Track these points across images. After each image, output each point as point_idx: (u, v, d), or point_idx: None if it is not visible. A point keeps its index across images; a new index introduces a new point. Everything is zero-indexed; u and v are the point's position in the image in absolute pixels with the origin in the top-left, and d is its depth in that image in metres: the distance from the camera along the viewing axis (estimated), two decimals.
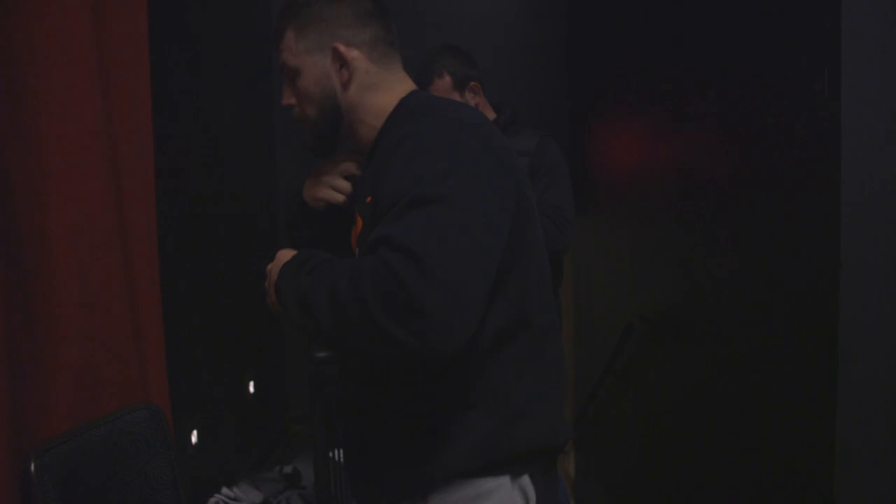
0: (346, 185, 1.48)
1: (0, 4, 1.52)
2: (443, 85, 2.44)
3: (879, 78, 1.66)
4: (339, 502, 2.40)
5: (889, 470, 1.62)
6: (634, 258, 2.91)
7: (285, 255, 1.30)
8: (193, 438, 2.45)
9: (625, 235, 2.95)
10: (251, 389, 3.13)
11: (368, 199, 1.26)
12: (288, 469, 2.90)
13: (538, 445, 1.27)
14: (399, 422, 1.26)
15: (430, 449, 1.22)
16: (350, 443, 1.41)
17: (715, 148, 2.34)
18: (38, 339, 1.65)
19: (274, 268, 1.30)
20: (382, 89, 1.35)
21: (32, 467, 1.53)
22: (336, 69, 1.34)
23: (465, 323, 1.03)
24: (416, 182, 1.08)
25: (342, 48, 1.33)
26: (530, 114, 3.51)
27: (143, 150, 1.99)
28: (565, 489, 3.14)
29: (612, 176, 3.11)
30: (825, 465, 1.66)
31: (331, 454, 2.38)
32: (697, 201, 2.48)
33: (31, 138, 1.64)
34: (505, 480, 1.25)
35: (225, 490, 2.63)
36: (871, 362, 1.69)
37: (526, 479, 1.27)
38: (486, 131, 1.22)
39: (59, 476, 1.57)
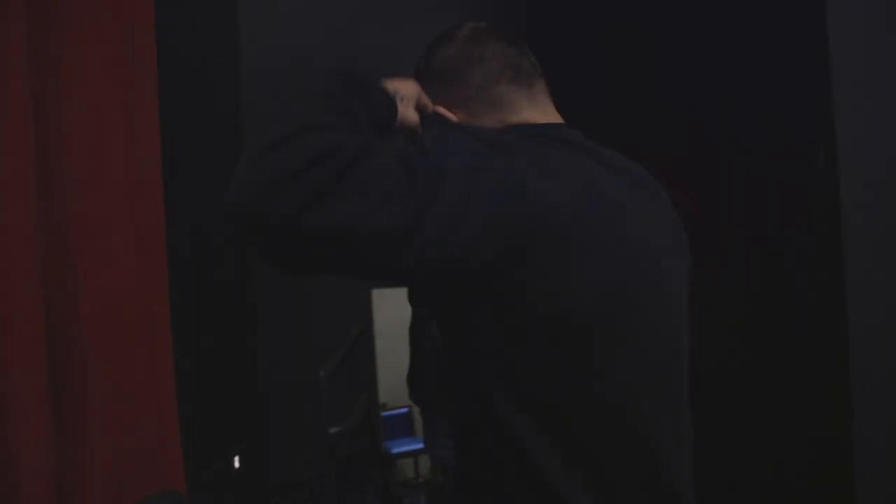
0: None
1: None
2: None
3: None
4: None
5: None
6: None
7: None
8: None
9: None
10: (236, 464, 3.06)
11: None
12: None
13: None
14: None
15: None
16: None
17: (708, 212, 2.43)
18: (72, 431, 1.64)
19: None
20: None
21: None
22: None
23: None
24: None
25: (443, 110, 1.17)
26: None
27: (158, 237, 1.99)
28: None
29: None
30: None
31: None
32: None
33: (64, 228, 1.63)
34: None
35: None
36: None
37: None
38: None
39: None
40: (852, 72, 1.84)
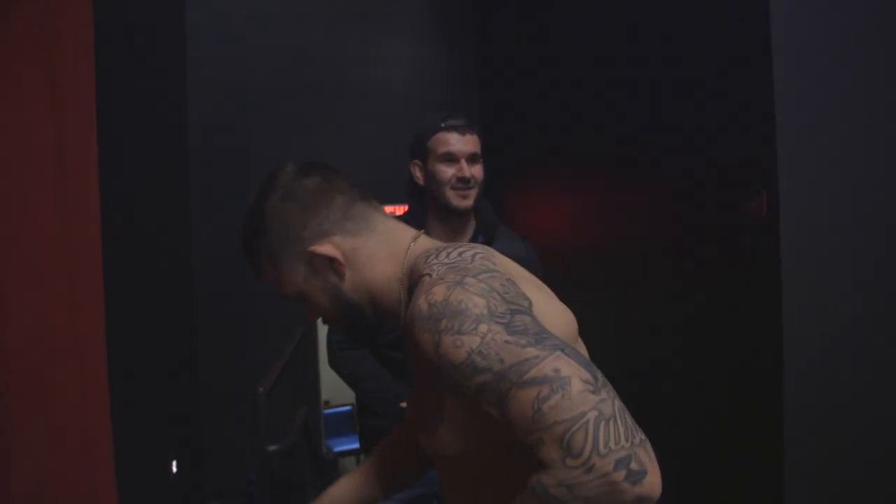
0: None
1: None
2: None
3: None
4: None
5: None
6: None
7: None
8: None
9: None
10: (174, 469, 3.01)
11: None
12: None
13: None
14: None
15: None
16: None
17: (647, 233, 2.47)
18: None
19: None
20: (379, 257, 1.21)
21: None
22: (326, 271, 1.21)
23: None
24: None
25: (317, 250, 1.19)
26: None
27: (93, 256, 1.93)
28: None
29: (539, 246, 3.22)
30: None
31: None
32: (633, 274, 2.61)
33: None
34: None
35: None
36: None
37: None
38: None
39: None
40: (796, 118, 1.93)
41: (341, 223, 1.20)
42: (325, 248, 1.19)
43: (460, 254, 1.11)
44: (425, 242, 1.22)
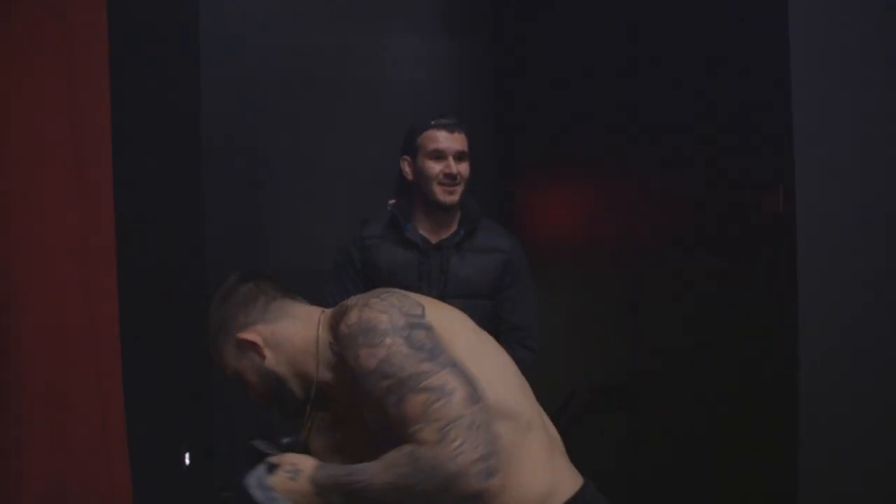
0: None
1: None
2: None
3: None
4: None
5: None
6: (576, 325, 3.02)
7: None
8: None
9: (566, 303, 3.05)
10: (187, 461, 3.03)
11: None
12: None
13: None
14: None
15: None
16: None
17: (664, 223, 2.46)
18: (6, 450, 1.61)
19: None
20: (294, 333, 1.48)
21: None
22: (251, 353, 1.49)
23: None
24: None
25: (241, 336, 1.49)
26: None
27: (108, 249, 1.94)
28: None
29: (548, 244, 3.22)
30: None
31: None
32: (646, 271, 2.60)
33: (4, 225, 1.59)
34: None
35: None
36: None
37: None
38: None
39: None
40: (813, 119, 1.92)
41: (263, 315, 1.50)
42: (247, 335, 1.49)
43: (362, 296, 1.42)
44: (337, 307, 1.48)
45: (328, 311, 1.49)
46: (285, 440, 2.18)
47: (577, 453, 1.64)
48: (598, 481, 1.49)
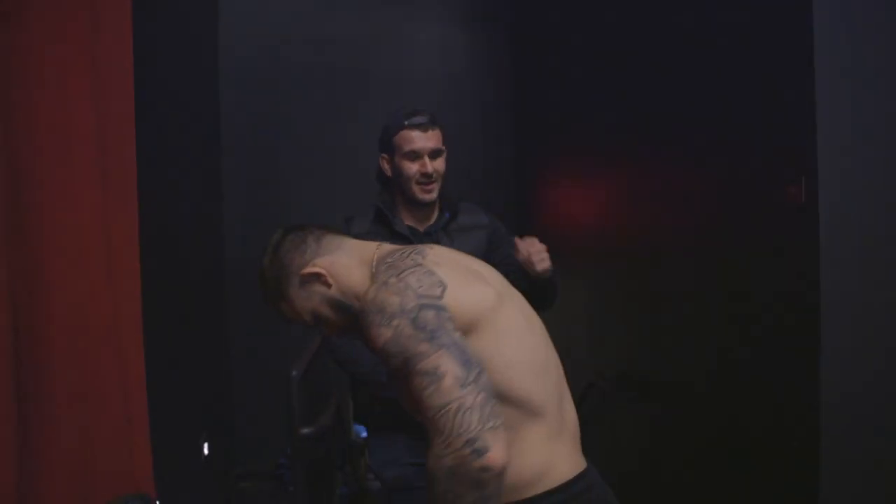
0: None
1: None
2: None
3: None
4: None
5: None
6: (594, 317, 3.02)
7: None
8: None
9: (584, 294, 3.05)
10: (206, 450, 3.06)
11: None
12: None
13: None
14: None
15: None
16: None
17: (680, 219, 2.45)
18: (35, 430, 1.63)
19: None
20: (352, 266, 1.56)
21: None
22: (320, 285, 1.56)
23: None
24: None
25: (305, 271, 1.56)
26: (474, 171, 3.59)
27: (131, 241, 1.96)
28: None
29: (567, 234, 3.22)
30: None
31: None
32: (666, 263, 2.60)
33: (31, 231, 1.61)
34: None
35: None
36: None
37: None
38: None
39: None
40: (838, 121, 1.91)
41: (317, 250, 1.59)
42: (310, 268, 1.56)
43: (402, 254, 1.50)
44: (387, 247, 1.58)
45: (379, 252, 1.55)
46: (304, 430, 2.20)
47: (595, 443, 1.67)
48: (615, 471, 1.49)
